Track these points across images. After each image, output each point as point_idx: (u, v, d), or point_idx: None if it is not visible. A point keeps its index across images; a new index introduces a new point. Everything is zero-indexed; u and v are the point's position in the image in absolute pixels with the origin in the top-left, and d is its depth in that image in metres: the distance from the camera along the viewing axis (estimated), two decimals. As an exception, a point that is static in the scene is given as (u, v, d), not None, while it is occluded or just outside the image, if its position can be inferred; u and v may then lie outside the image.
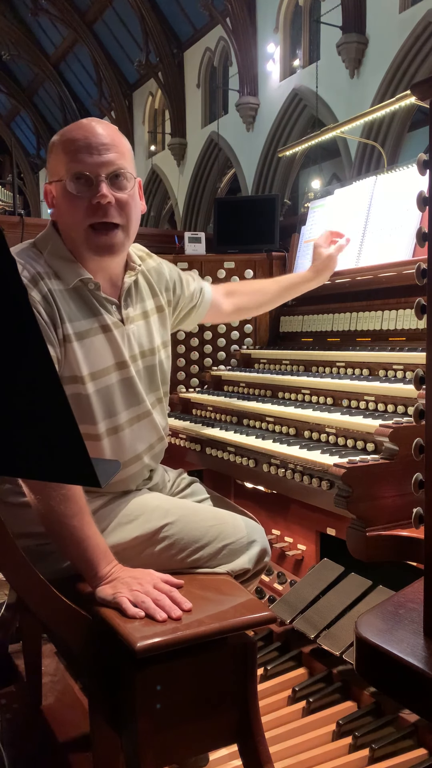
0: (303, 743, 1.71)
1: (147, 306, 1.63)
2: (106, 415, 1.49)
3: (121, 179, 1.47)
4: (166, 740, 1.27)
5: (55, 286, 1.43)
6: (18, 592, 1.50)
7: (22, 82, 24.19)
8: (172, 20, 16.63)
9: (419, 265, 0.89)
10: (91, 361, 1.45)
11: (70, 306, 1.44)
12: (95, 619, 1.31)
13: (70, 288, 1.45)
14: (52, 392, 0.63)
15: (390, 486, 1.61)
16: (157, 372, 1.63)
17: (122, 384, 1.52)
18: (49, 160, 1.51)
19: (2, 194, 15.99)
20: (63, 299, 1.43)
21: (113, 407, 1.50)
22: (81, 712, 1.82)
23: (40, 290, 1.40)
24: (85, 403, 1.45)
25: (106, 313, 1.50)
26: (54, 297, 1.41)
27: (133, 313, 1.58)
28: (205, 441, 2.42)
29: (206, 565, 1.50)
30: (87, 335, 1.45)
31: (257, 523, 1.66)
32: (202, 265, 3.14)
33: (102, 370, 1.47)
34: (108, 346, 1.49)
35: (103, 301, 1.50)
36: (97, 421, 1.47)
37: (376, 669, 0.90)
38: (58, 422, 0.65)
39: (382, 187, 2.49)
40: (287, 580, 2.29)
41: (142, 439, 1.58)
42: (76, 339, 1.43)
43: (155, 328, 1.63)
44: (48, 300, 1.40)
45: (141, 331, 1.58)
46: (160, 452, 1.68)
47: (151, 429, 1.60)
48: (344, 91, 11.70)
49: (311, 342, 2.74)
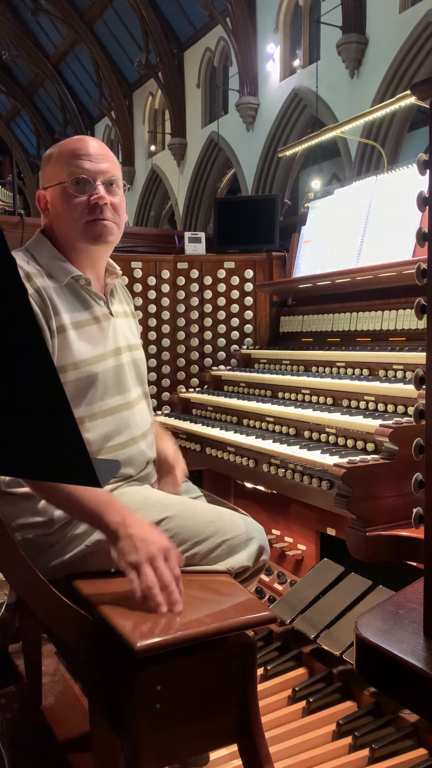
0: (303, 743, 1.71)
1: (126, 308, 1.77)
2: (127, 388, 1.63)
3: (115, 186, 1.63)
4: (166, 740, 1.27)
5: (49, 284, 1.54)
6: (18, 592, 1.51)
7: (22, 82, 24.19)
8: (172, 20, 16.63)
9: (419, 265, 0.89)
10: (89, 347, 1.56)
11: (64, 301, 1.55)
12: (95, 619, 1.31)
13: (63, 285, 1.57)
14: (52, 392, 0.63)
15: (390, 486, 1.61)
16: (141, 366, 1.74)
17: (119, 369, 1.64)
18: (46, 168, 1.64)
19: (2, 194, 16.00)
20: (57, 295, 1.54)
21: (127, 383, 1.63)
22: (81, 712, 1.82)
23: (32, 285, 1.51)
24: (106, 378, 1.57)
25: (97, 306, 1.63)
26: (47, 292, 1.52)
27: (119, 310, 1.71)
28: (205, 441, 2.42)
29: (204, 561, 1.50)
30: (83, 325, 1.57)
31: (255, 522, 1.66)
32: (202, 265, 3.15)
33: (101, 355, 1.58)
34: (103, 334, 1.61)
35: (93, 295, 1.63)
36: (124, 391, 1.61)
37: (376, 669, 0.90)
38: (58, 422, 0.64)
39: (382, 187, 2.49)
40: (287, 580, 2.29)
41: (142, 420, 1.67)
42: (73, 328, 1.54)
43: (133, 329, 1.76)
44: (41, 294, 1.51)
45: (125, 327, 1.71)
46: (152, 443, 1.72)
47: (145, 414, 1.69)
48: (344, 91, 11.70)
49: (311, 342, 2.74)
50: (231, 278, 3.15)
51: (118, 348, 1.64)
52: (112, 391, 1.60)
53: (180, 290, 3.13)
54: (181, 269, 3.13)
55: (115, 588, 1.40)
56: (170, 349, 3.14)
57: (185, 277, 3.13)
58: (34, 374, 0.62)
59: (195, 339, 3.16)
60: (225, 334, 3.16)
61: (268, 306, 3.14)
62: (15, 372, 0.62)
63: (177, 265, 3.13)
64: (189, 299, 3.14)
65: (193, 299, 3.14)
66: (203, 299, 3.15)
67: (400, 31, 10.49)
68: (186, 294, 3.14)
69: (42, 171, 1.66)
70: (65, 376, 1.51)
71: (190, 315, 3.15)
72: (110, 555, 1.41)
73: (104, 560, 1.46)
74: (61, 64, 21.52)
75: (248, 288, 3.15)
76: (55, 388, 0.63)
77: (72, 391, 1.51)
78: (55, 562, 1.47)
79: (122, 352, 1.65)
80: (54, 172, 1.61)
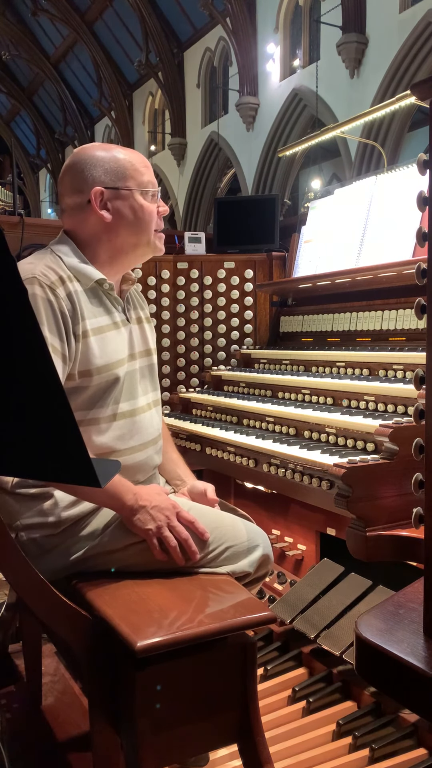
0: (303, 743, 1.71)
1: (140, 314, 1.77)
2: (140, 394, 1.66)
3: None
4: (166, 740, 1.27)
5: (77, 287, 1.56)
6: (18, 592, 1.51)
7: (22, 82, 24.17)
8: (172, 20, 16.62)
9: (419, 265, 0.89)
10: (109, 352, 1.58)
11: (89, 305, 1.57)
12: (95, 619, 1.31)
13: (87, 288, 1.58)
14: (52, 392, 0.63)
15: (390, 486, 1.61)
16: (155, 372, 1.76)
17: (140, 372, 1.68)
18: (100, 166, 1.59)
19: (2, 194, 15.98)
20: (83, 299, 1.56)
21: (138, 389, 1.66)
22: (81, 712, 1.82)
23: (65, 289, 1.52)
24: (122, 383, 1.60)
25: (117, 312, 1.64)
26: (76, 297, 1.54)
27: (134, 316, 1.72)
28: (205, 441, 2.43)
29: (208, 565, 1.51)
30: (103, 330, 1.59)
31: (260, 529, 1.67)
32: (202, 265, 3.15)
33: (119, 361, 1.60)
34: (120, 340, 1.63)
35: (114, 301, 1.64)
36: (135, 396, 1.65)
37: (376, 669, 0.90)
38: (58, 422, 0.65)
39: (382, 187, 2.49)
40: (287, 580, 2.29)
41: (152, 427, 1.68)
42: (93, 334, 1.56)
43: (147, 334, 1.76)
44: (72, 299, 1.53)
45: (137, 333, 1.72)
46: (160, 449, 1.73)
47: (156, 421, 1.71)
48: (344, 91, 11.70)
49: (311, 342, 2.74)
50: (231, 278, 3.15)
51: (133, 354, 1.66)
52: (127, 395, 1.62)
53: (180, 290, 3.13)
54: (181, 269, 3.13)
55: (115, 588, 1.40)
56: (170, 349, 3.14)
57: (185, 277, 3.13)
58: (34, 374, 0.62)
59: (195, 339, 3.16)
60: (225, 334, 3.16)
61: (268, 306, 3.14)
62: (15, 372, 0.62)
63: (177, 265, 3.13)
64: (189, 299, 3.14)
65: (193, 299, 3.14)
66: (203, 299, 3.15)
67: (400, 31, 10.49)
68: (186, 294, 3.14)
69: (99, 167, 1.58)
70: (90, 380, 1.53)
71: (190, 315, 3.15)
72: (113, 555, 1.48)
73: (107, 561, 1.48)
74: (61, 64, 21.51)
75: (248, 288, 3.15)
76: (55, 388, 0.63)
77: (93, 395, 1.54)
78: (59, 563, 1.47)
79: (136, 357, 1.68)
80: (128, 174, 1.61)
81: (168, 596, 1.37)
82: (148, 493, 1.49)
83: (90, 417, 1.54)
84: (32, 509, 1.48)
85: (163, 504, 1.48)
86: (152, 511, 1.46)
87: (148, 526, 1.45)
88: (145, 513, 1.45)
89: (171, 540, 1.45)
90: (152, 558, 1.47)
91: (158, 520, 1.45)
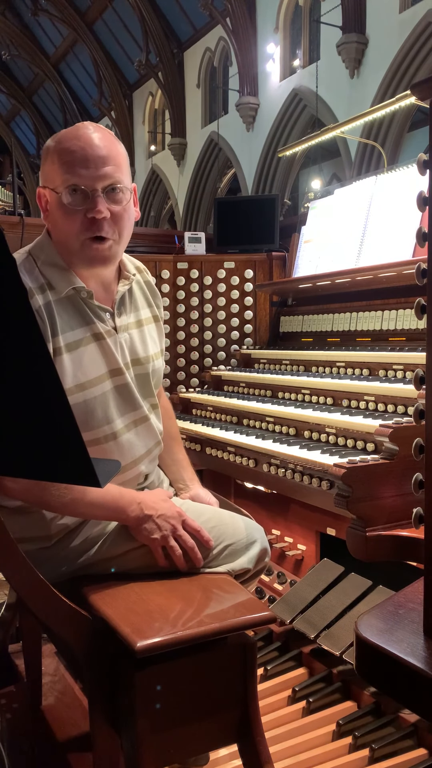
0: (303, 743, 1.71)
1: (142, 315, 1.61)
2: (103, 422, 1.49)
3: (117, 192, 1.45)
4: (166, 740, 1.27)
5: (49, 298, 1.42)
6: (18, 592, 1.50)
7: (22, 82, 24.17)
8: (172, 20, 16.62)
9: (419, 265, 0.89)
10: (82, 372, 1.45)
11: (62, 316, 1.43)
12: (95, 619, 1.31)
13: (62, 297, 1.44)
14: (52, 392, 0.63)
15: (390, 486, 1.61)
16: (150, 380, 1.61)
17: (117, 391, 1.52)
18: (44, 164, 1.48)
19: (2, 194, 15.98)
20: (56, 310, 1.43)
21: (109, 414, 1.50)
22: (81, 712, 1.82)
23: (36, 302, 1.40)
24: (79, 411, 1.45)
25: (99, 322, 1.49)
26: (47, 310, 1.41)
27: (126, 321, 1.56)
28: (205, 441, 2.43)
29: (207, 565, 1.50)
30: (78, 345, 1.45)
31: (256, 523, 1.66)
32: (202, 265, 3.15)
33: (94, 379, 1.47)
34: (100, 354, 1.48)
35: (96, 309, 1.49)
36: (93, 428, 1.48)
37: (376, 669, 0.90)
38: (58, 422, 0.65)
39: (382, 187, 2.50)
40: (287, 580, 2.29)
41: (141, 443, 1.58)
42: (66, 351, 1.42)
43: (150, 337, 1.62)
44: (41, 315, 1.40)
45: (135, 339, 1.57)
46: (156, 457, 1.68)
47: (149, 433, 1.60)
48: (344, 91, 11.69)
49: (311, 342, 2.74)
50: (231, 278, 3.15)
51: (117, 368, 1.50)
52: (112, 415, 1.50)
53: (180, 290, 3.13)
54: (181, 269, 3.13)
55: (115, 588, 1.40)
56: (170, 349, 3.14)
57: (185, 277, 3.13)
58: (34, 374, 0.62)
59: (195, 339, 3.16)
60: (225, 334, 3.16)
61: (268, 306, 3.14)
62: (15, 372, 0.62)
63: (177, 265, 3.13)
64: (189, 299, 3.14)
65: (193, 299, 3.14)
66: (203, 299, 3.15)
67: (400, 31, 10.48)
68: (186, 294, 3.14)
69: (42, 165, 1.48)
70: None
71: (190, 315, 3.15)
72: (112, 562, 1.47)
73: (106, 567, 1.48)
74: (61, 64, 21.51)
75: (248, 288, 3.15)
76: (55, 388, 0.63)
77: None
78: (56, 572, 1.45)
79: (128, 368, 1.53)
80: (50, 172, 1.44)
81: (168, 596, 1.37)
82: (153, 501, 1.46)
83: None
84: (20, 523, 1.42)
85: (169, 512, 1.46)
86: (158, 520, 1.44)
87: (154, 535, 1.43)
88: (151, 522, 1.43)
89: (176, 549, 1.43)
90: (152, 562, 1.46)
91: (164, 529, 1.43)
